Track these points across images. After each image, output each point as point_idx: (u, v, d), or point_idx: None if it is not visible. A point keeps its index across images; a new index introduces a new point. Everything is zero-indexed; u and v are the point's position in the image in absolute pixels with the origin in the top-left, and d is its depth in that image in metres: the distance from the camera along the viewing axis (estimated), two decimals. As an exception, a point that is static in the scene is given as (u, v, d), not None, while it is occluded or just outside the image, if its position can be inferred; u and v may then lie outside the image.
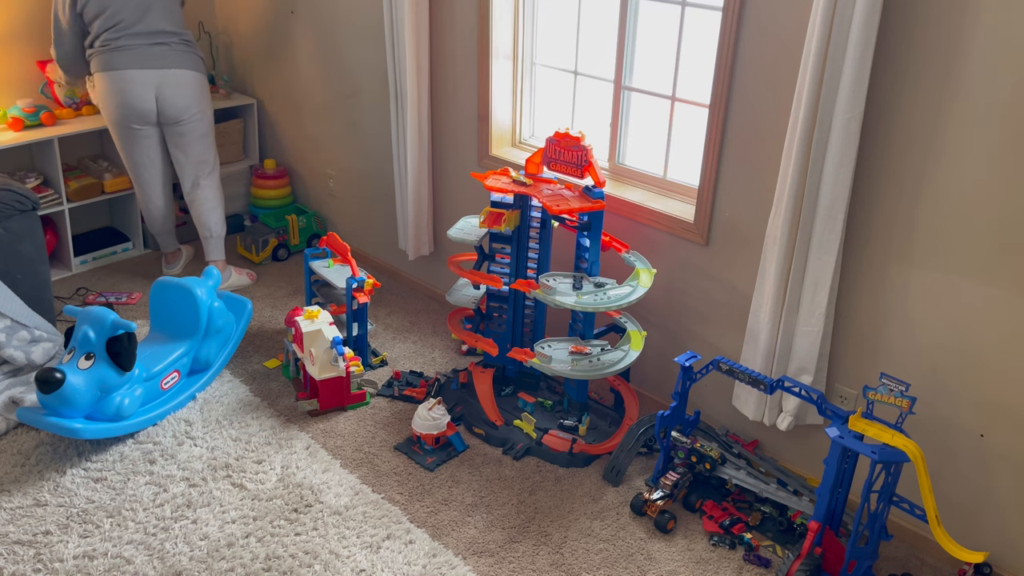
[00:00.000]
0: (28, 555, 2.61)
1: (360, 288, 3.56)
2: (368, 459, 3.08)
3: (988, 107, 2.30)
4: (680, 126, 3.15)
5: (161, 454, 3.05)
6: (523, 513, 2.86)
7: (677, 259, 3.15)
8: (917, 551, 2.78)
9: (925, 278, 2.55)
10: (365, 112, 4.15)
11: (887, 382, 2.43)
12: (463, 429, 3.25)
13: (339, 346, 3.24)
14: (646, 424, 3.08)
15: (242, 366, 3.60)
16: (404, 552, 2.67)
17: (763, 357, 2.86)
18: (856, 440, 2.45)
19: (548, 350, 3.06)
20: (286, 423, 3.25)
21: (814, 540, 2.51)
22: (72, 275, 4.29)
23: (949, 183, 2.43)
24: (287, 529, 2.74)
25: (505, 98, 3.61)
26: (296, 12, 4.31)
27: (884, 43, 2.41)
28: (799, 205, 2.63)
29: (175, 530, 2.72)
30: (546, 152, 3.13)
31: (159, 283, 3.38)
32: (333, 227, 4.63)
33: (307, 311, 3.36)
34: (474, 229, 3.35)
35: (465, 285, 3.58)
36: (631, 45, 3.19)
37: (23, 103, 4.06)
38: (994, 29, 2.24)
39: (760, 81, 2.73)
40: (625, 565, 2.67)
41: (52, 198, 4.09)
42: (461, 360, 3.72)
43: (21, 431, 3.12)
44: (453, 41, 3.63)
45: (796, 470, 3.03)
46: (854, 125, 2.47)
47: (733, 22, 2.71)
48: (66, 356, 2.97)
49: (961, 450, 2.61)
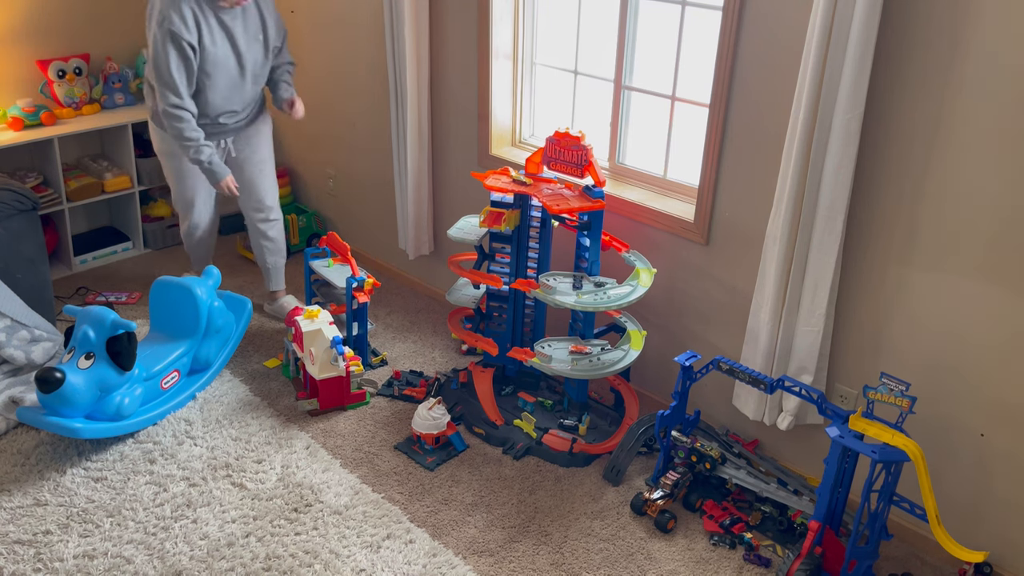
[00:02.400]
0: (28, 555, 2.61)
1: (360, 288, 3.56)
2: (368, 459, 3.08)
3: (988, 107, 2.30)
4: (680, 126, 3.15)
5: (161, 454, 3.05)
6: (523, 513, 2.86)
7: (677, 259, 3.15)
8: (917, 551, 2.78)
9: (925, 278, 2.55)
10: (365, 112, 4.15)
11: (887, 382, 2.43)
12: (463, 429, 3.25)
13: (339, 346, 3.24)
14: (646, 424, 3.08)
15: (242, 366, 3.60)
16: (404, 552, 2.67)
17: (763, 357, 2.86)
18: (856, 440, 2.45)
19: (548, 350, 3.06)
20: (286, 423, 3.25)
21: (814, 540, 2.51)
22: (72, 275, 4.28)
23: (949, 183, 2.43)
24: (287, 529, 2.74)
25: (505, 98, 3.61)
26: (296, 12, 4.31)
27: (884, 43, 2.41)
28: (799, 205, 2.63)
29: (175, 530, 2.72)
30: (546, 152, 3.13)
31: (159, 283, 3.38)
32: (333, 227, 4.63)
33: (307, 311, 3.36)
34: (474, 229, 3.35)
35: (465, 285, 3.58)
36: (631, 45, 3.19)
37: (23, 103, 4.06)
38: (994, 29, 2.24)
39: (760, 81, 2.73)
40: (625, 565, 2.67)
41: (52, 198, 4.09)
42: (461, 360, 3.72)
43: (21, 431, 3.12)
44: (453, 41, 3.63)
45: (796, 470, 3.03)
46: (854, 125, 2.47)
47: (733, 22, 2.71)
48: (66, 356, 2.97)
49: (961, 450, 2.61)
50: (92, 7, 4.32)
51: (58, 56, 4.21)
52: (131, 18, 4.47)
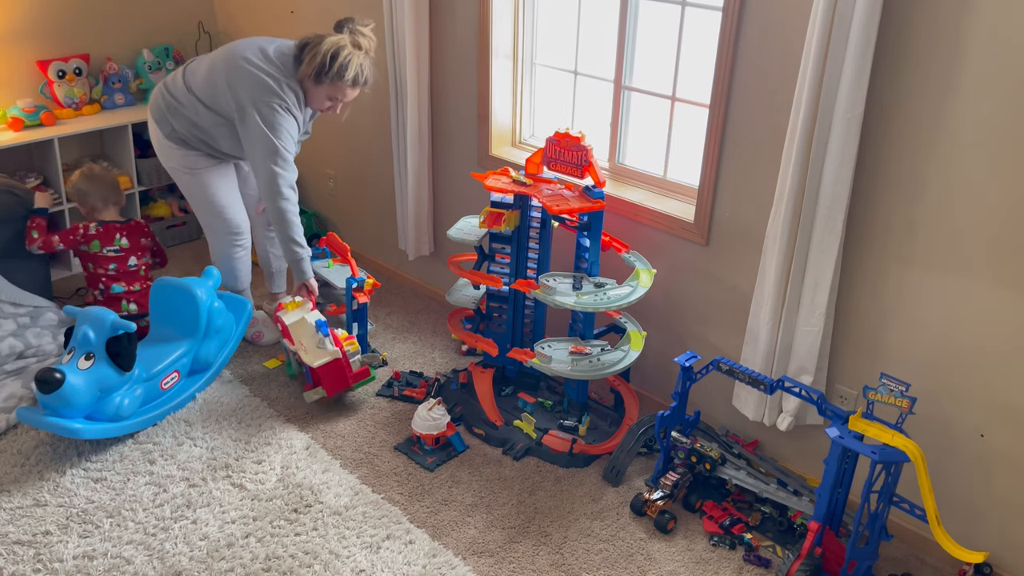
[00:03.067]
0: (28, 555, 2.61)
1: (360, 288, 3.56)
2: (368, 459, 3.08)
3: (988, 107, 2.30)
4: (680, 126, 3.15)
5: (161, 454, 3.05)
6: (523, 513, 2.86)
7: (677, 259, 3.15)
8: (917, 551, 2.78)
9: (925, 278, 2.55)
10: (365, 112, 4.15)
11: (887, 382, 2.43)
12: (463, 429, 3.25)
13: (323, 327, 3.24)
14: (646, 424, 3.08)
15: (242, 366, 3.59)
16: (404, 552, 2.67)
17: (763, 357, 2.86)
18: (856, 440, 2.45)
19: (548, 350, 3.06)
20: (286, 423, 3.25)
21: (814, 540, 2.51)
22: (72, 275, 4.28)
23: (949, 183, 2.43)
24: (287, 529, 2.74)
25: (505, 98, 3.61)
26: (296, 12, 4.31)
27: (884, 43, 2.41)
28: (799, 205, 2.63)
29: (175, 530, 2.72)
30: (546, 152, 3.13)
31: (159, 283, 3.36)
32: (333, 227, 4.62)
33: (287, 303, 3.36)
34: (474, 229, 3.34)
35: (465, 285, 3.58)
36: (631, 45, 3.19)
37: (23, 103, 4.06)
38: (994, 28, 2.24)
39: (760, 81, 2.73)
40: (625, 565, 2.67)
41: (52, 198, 4.08)
42: (461, 360, 3.72)
43: (21, 431, 3.12)
44: (453, 41, 3.63)
45: (796, 470, 3.03)
46: (854, 125, 2.47)
47: (733, 22, 2.71)
48: (66, 356, 2.97)
49: (961, 450, 2.61)
50: (92, 7, 4.32)
51: (58, 56, 4.21)
52: (131, 18, 4.47)
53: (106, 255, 3.62)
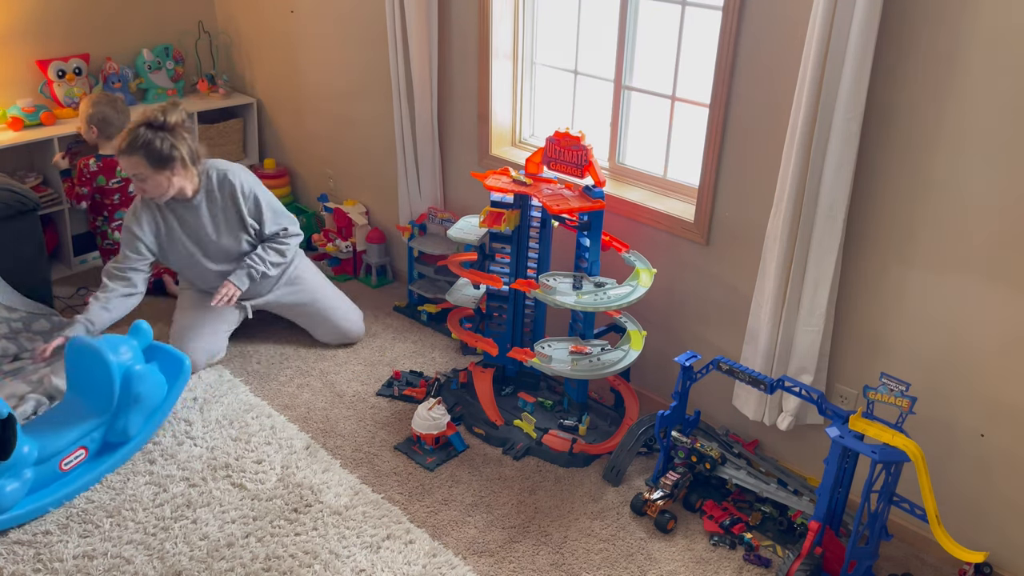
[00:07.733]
0: (28, 555, 2.61)
1: None
2: (368, 459, 3.08)
3: (988, 107, 2.30)
4: (680, 126, 3.15)
5: (161, 454, 3.05)
6: (523, 513, 2.86)
7: (677, 259, 3.15)
8: (917, 551, 2.78)
9: (925, 278, 2.55)
10: (365, 112, 4.15)
11: (887, 382, 2.43)
12: (463, 429, 3.25)
13: None
14: (646, 424, 3.08)
15: (242, 366, 3.59)
16: (404, 552, 2.67)
17: (763, 357, 2.86)
18: (856, 440, 2.45)
19: (548, 350, 3.06)
20: (286, 423, 3.25)
21: (814, 540, 2.51)
22: (72, 275, 4.28)
23: (949, 183, 2.43)
24: (287, 529, 2.74)
25: (505, 98, 3.61)
26: (296, 12, 4.31)
27: (884, 43, 2.41)
28: (799, 205, 2.63)
29: (175, 530, 2.72)
30: (546, 152, 3.13)
31: (72, 344, 2.95)
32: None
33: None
34: (474, 229, 3.34)
35: (465, 285, 3.58)
36: (631, 45, 3.19)
37: (23, 103, 4.06)
38: (994, 28, 2.24)
39: (760, 81, 2.73)
40: (625, 565, 2.67)
41: (52, 198, 4.09)
42: (461, 360, 3.72)
43: (21, 431, 3.12)
44: (453, 41, 3.63)
45: (796, 470, 3.03)
46: (854, 125, 2.47)
47: (733, 22, 2.71)
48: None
49: (961, 450, 2.61)
50: (92, 7, 4.32)
51: (58, 56, 4.21)
52: (131, 18, 4.47)
53: (111, 187, 3.81)
